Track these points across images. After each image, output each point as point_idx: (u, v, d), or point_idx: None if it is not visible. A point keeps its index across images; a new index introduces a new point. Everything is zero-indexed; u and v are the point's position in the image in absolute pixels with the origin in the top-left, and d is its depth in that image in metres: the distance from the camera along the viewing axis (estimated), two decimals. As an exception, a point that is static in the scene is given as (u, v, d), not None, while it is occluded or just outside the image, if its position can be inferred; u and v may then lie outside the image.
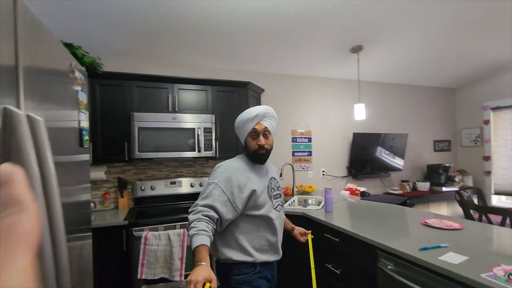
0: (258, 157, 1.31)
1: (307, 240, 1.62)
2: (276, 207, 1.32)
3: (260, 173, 1.32)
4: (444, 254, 1.26)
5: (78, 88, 0.87)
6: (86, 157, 1.08)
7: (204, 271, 0.91)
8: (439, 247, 1.35)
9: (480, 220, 2.30)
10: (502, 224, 2.10)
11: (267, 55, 2.97)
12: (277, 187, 1.39)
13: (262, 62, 3.13)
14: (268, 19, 2.32)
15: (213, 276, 0.90)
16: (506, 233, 1.58)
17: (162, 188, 2.80)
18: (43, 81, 0.71)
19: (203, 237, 1.03)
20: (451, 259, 1.20)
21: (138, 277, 2.08)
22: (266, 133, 1.30)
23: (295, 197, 2.90)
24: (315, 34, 2.60)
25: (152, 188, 2.76)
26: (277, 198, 1.35)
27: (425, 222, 1.78)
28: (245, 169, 1.28)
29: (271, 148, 1.34)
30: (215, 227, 1.14)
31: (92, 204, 2.64)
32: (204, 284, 0.84)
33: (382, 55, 3.15)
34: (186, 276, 2.21)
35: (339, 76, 3.66)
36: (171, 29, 2.38)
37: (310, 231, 1.64)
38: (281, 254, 1.37)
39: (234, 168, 1.26)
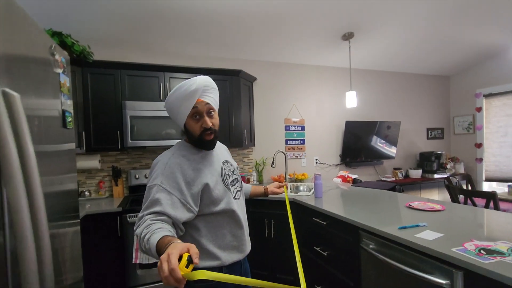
0: (206, 144, 1.08)
1: (284, 191, 1.60)
2: (235, 195, 1.14)
3: (209, 160, 1.11)
4: (421, 232, 1.31)
5: (59, 70, 0.89)
6: (72, 145, 1.07)
7: (175, 246, 0.65)
8: (417, 226, 1.40)
9: (465, 203, 2.36)
10: (486, 206, 2.16)
11: (258, 43, 2.97)
12: (232, 171, 1.20)
13: (254, 50, 3.13)
14: (259, 6, 2.32)
15: (190, 245, 0.67)
16: (483, 213, 1.63)
17: (156, 176, 2.84)
18: (20, 63, 0.71)
19: (161, 231, 0.80)
20: (427, 236, 1.25)
21: (133, 262, 2.14)
22: (210, 111, 1.06)
23: (287, 184, 2.94)
24: (306, 21, 2.60)
25: (146, 177, 2.81)
26: (234, 185, 1.17)
27: (409, 205, 1.83)
28: (191, 160, 1.05)
29: (219, 128, 1.12)
30: (172, 230, 0.88)
31: (87, 193, 2.69)
32: (181, 257, 0.62)
33: (374, 42, 3.15)
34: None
35: (332, 64, 3.67)
36: (162, 17, 2.38)
37: (285, 182, 1.65)
38: (250, 246, 1.22)
39: (176, 161, 1.02)
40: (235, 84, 2.86)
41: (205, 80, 1.05)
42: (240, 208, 1.15)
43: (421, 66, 4.01)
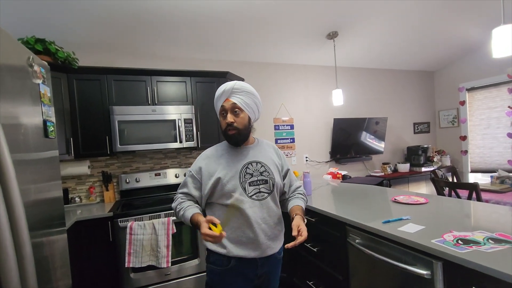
0: (228, 138, 1.21)
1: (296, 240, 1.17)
2: (252, 195, 1.17)
3: (236, 157, 1.22)
4: (404, 225, 1.36)
5: (39, 81, 0.90)
6: (55, 153, 1.08)
7: (204, 225, 1.02)
8: (401, 219, 1.45)
9: (449, 195, 2.43)
10: (469, 197, 2.23)
11: (245, 44, 2.99)
12: (260, 172, 1.22)
13: (241, 51, 3.15)
14: (244, 8, 2.34)
15: (210, 218, 1.03)
16: (464, 205, 1.70)
17: (147, 180, 2.84)
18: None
19: (191, 208, 1.15)
20: (409, 229, 1.30)
21: (126, 266, 2.15)
22: (235, 110, 1.17)
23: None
24: (291, 21, 2.64)
25: (137, 181, 2.80)
26: (256, 185, 1.19)
27: (395, 199, 1.89)
28: (219, 155, 1.23)
29: (246, 128, 1.20)
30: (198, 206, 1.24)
31: (77, 199, 2.67)
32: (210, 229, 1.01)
33: (358, 41, 3.21)
34: (173, 262, 2.29)
35: (318, 63, 3.71)
36: (147, 21, 2.38)
37: (302, 238, 1.16)
38: (271, 250, 1.23)
39: (208, 154, 1.26)
40: (223, 86, 2.87)
41: (235, 83, 1.19)
42: (255, 208, 1.16)
43: (406, 62, 4.09)
